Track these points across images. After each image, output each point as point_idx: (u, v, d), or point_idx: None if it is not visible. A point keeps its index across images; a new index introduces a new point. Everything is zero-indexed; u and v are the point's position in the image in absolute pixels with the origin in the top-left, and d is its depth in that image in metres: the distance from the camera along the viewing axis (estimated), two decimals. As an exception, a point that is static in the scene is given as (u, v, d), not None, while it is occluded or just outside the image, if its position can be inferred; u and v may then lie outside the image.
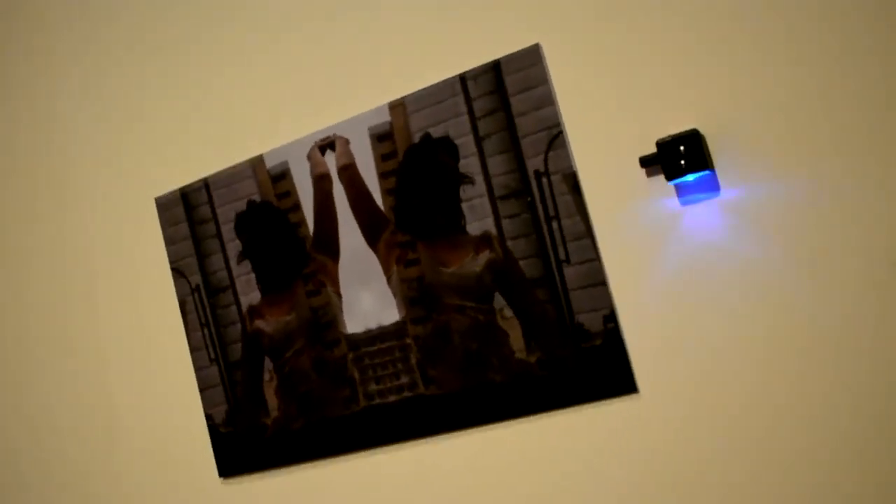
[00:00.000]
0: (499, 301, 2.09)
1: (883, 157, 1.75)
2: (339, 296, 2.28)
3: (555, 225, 2.03)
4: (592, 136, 1.99)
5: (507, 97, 2.07)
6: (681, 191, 1.91)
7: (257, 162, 2.37)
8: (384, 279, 2.22)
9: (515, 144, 2.06)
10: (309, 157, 2.31)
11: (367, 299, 2.25)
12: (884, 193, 1.75)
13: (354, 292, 2.26)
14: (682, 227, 1.91)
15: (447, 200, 2.14)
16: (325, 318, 2.30)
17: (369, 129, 2.23)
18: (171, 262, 2.51)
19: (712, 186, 1.88)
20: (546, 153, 2.03)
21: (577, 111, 2.01)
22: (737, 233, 1.87)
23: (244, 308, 2.41)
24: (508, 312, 2.08)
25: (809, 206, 1.81)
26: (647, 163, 1.89)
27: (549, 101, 2.02)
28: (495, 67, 2.08)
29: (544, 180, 2.04)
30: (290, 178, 2.33)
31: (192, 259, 2.48)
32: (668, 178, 1.85)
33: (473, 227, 2.11)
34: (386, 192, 2.21)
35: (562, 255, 2.02)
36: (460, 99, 2.12)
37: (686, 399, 1.92)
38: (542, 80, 2.03)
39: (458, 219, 2.13)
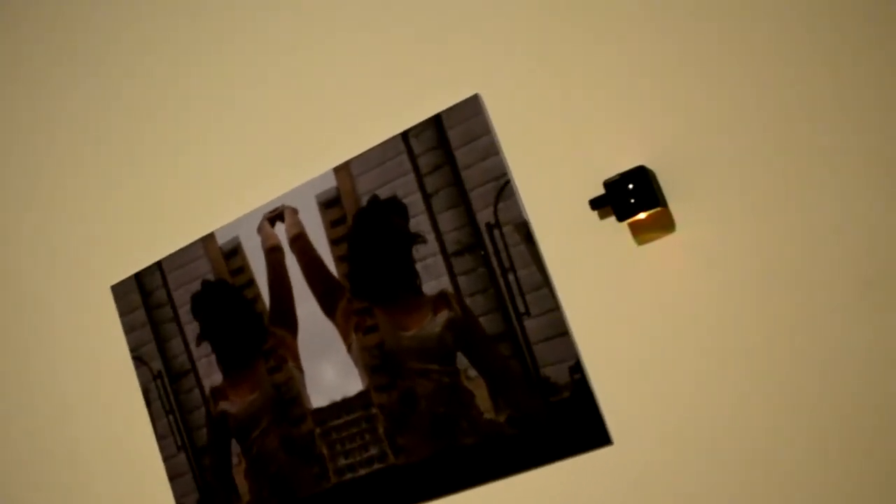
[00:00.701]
0: (462, 361, 1.96)
1: (842, 180, 1.64)
2: (301, 370, 2.15)
3: (511, 277, 1.91)
4: (541, 182, 1.89)
5: (451, 151, 1.96)
6: (636, 230, 1.80)
7: (209, 240, 2.26)
8: (344, 349, 2.10)
9: (464, 198, 1.95)
10: (259, 231, 2.20)
11: (328, 371, 2.12)
12: (848, 216, 1.63)
13: (316, 365, 2.13)
14: (641, 268, 1.79)
15: (400, 262, 2.02)
16: (289, 395, 2.17)
17: (316, 196, 2.12)
18: (131, 350, 2.38)
19: (667, 224, 1.77)
20: (495, 204, 1.92)
21: (523, 158, 1.90)
22: (697, 269, 1.75)
23: (207, 391, 2.27)
24: (472, 372, 1.95)
25: (769, 235, 1.69)
26: (598, 204, 1.77)
27: (493, 150, 1.92)
28: (436, 122, 1.98)
29: (496, 232, 1.92)
30: (243, 254, 2.22)
31: (152, 345, 2.35)
32: (620, 219, 1.74)
33: (429, 287, 1.99)
34: (338, 260, 2.10)
35: (521, 308, 1.90)
36: (405, 157, 2.02)
37: (662, 445, 1.78)
38: (485, 130, 1.93)
39: (413, 280, 2.01)
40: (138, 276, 2.36)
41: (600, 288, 1.83)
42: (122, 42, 2.39)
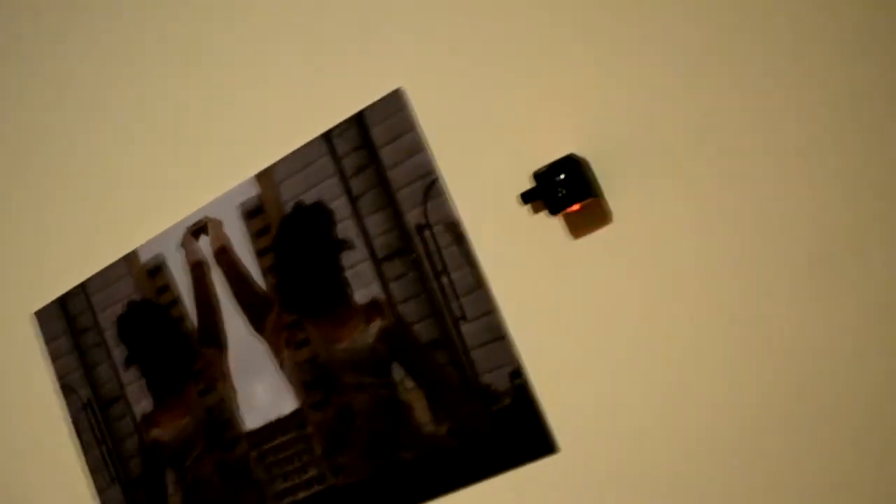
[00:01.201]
0: (398, 372, 1.81)
1: (783, 163, 1.51)
2: (233, 390, 1.99)
3: (445, 280, 1.76)
4: (469, 178, 1.74)
5: (376, 150, 1.82)
6: (571, 224, 1.65)
7: (131, 258, 2.10)
8: (276, 365, 1.94)
9: (391, 199, 1.81)
10: (182, 246, 2.04)
11: (261, 390, 1.96)
12: (790, 199, 1.50)
13: (248, 384, 1.97)
14: (579, 263, 1.65)
15: (328, 271, 1.87)
16: (222, 417, 2.01)
17: (239, 205, 1.97)
18: (58, 378, 2.21)
19: (603, 215, 1.63)
20: (424, 204, 1.78)
21: (450, 154, 1.76)
22: (637, 261, 1.61)
23: (138, 418, 2.11)
24: (409, 383, 1.80)
25: (710, 221, 1.56)
26: (529, 198, 1.63)
27: (418, 147, 1.77)
28: (359, 120, 1.83)
29: (427, 233, 1.77)
30: (167, 271, 2.06)
31: (80, 372, 2.18)
32: (553, 212, 1.60)
33: (360, 295, 1.84)
34: (265, 272, 1.94)
35: (457, 312, 1.75)
36: (328, 159, 1.87)
37: (611, 450, 1.64)
38: (409, 126, 1.78)
39: (343, 289, 1.85)
40: (62, 301, 2.19)
41: (537, 286, 1.69)
42: (32, 59, 2.23)
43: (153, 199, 2.08)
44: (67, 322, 2.19)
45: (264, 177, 1.93)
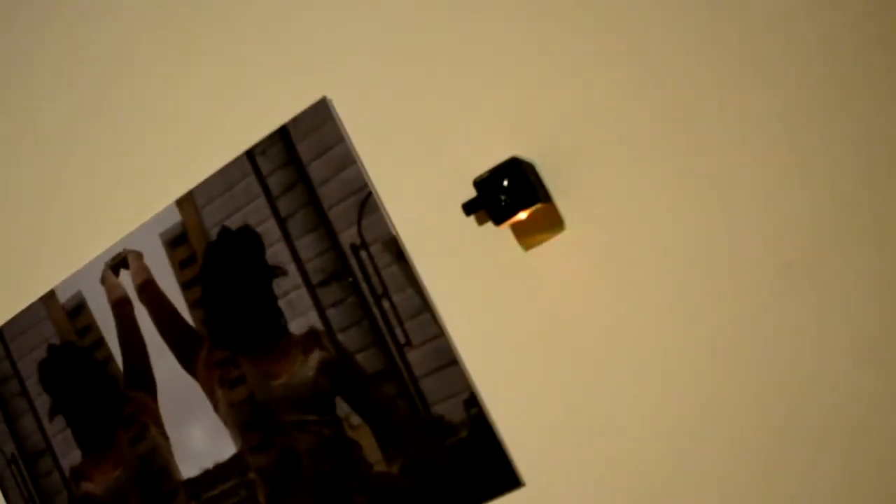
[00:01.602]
0: (342, 407, 1.62)
1: (743, 162, 1.34)
2: (166, 436, 1.79)
3: (386, 304, 1.57)
4: (406, 190, 1.56)
5: (303, 166, 1.63)
6: (519, 234, 1.48)
7: (49, 298, 1.89)
8: (210, 407, 1.74)
9: (323, 218, 1.62)
10: (103, 282, 1.84)
11: (196, 434, 1.76)
12: (755, 194, 1.34)
13: (181, 429, 1.78)
14: (531, 276, 1.48)
15: (260, 301, 1.68)
16: (156, 466, 1.81)
17: (160, 234, 1.77)
18: (-21, 434, 2.00)
19: (554, 222, 1.45)
20: (359, 221, 1.59)
21: (384, 166, 1.58)
22: (595, 271, 1.43)
23: (67, 472, 1.90)
24: (356, 419, 1.61)
25: (668, 224, 1.39)
26: (472, 208, 1.45)
27: (349, 160, 1.59)
28: (283, 135, 1.64)
29: (363, 254, 1.59)
30: (88, 310, 1.85)
31: (2, 425, 1.97)
32: (497, 222, 1.42)
33: (296, 325, 1.65)
34: (192, 305, 1.75)
35: (401, 338, 1.57)
36: (252, 179, 1.68)
37: (578, 481, 1.46)
38: (338, 137, 1.60)
39: (277, 319, 1.66)
40: (-22, 349, 1.98)
41: (488, 304, 1.51)
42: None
43: (69, 234, 1.88)
44: (-15, 372, 1.98)
45: (185, 202, 1.74)
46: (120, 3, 1.77)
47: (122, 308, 1.82)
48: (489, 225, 1.50)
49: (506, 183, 1.41)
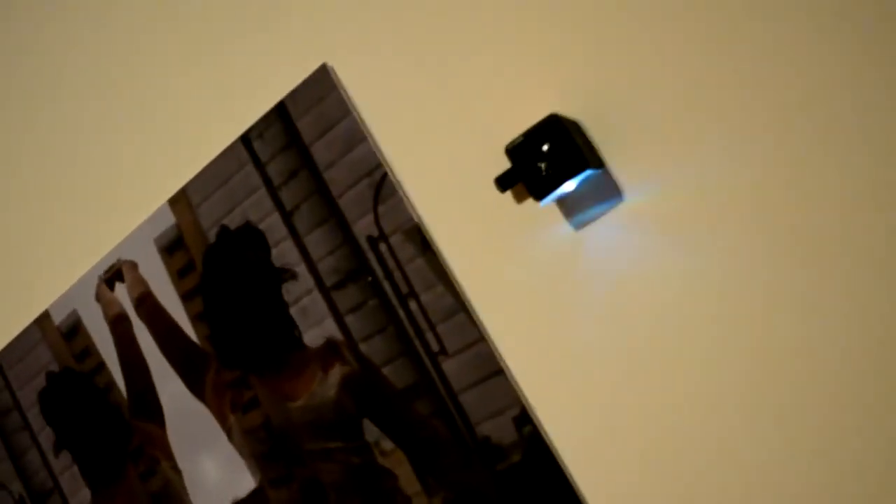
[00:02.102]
0: (371, 431, 1.35)
1: (816, 120, 1.02)
2: (178, 470, 1.54)
3: (413, 305, 1.29)
4: (428, 167, 1.27)
5: (306, 148, 1.35)
6: (569, 209, 1.18)
7: (44, 320, 1.66)
8: (224, 435, 1.48)
9: (333, 209, 1.34)
10: (98, 298, 1.59)
11: (211, 467, 1.51)
12: (831, 160, 1.02)
13: (194, 461, 1.52)
14: (585, 262, 1.17)
15: (269, 310, 1.41)
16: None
17: (155, 240, 1.51)
18: (-15, 474, 1.78)
19: (611, 192, 1.15)
20: (374, 209, 1.31)
21: (399, 140, 1.29)
22: (663, 251, 1.13)
23: (77, 513, 1.66)
24: (388, 444, 1.33)
25: (753, 192, 1.07)
26: (507, 182, 1.15)
27: (358, 136, 1.31)
28: (280, 112, 1.37)
29: (382, 247, 1.31)
30: (85, 331, 1.61)
31: (8, 463, 1.74)
32: (538, 197, 1.12)
33: (312, 337, 1.38)
34: (195, 319, 1.49)
35: (434, 346, 1.28)
36: (251, 169, 1.41)
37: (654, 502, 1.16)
38: (343, 111, 1.32)
39: (290, 330, 1.39)
40: (-24, 380, 1.76)
41: (535, 299, 1.21)
42: None
43: (57, 247, 1.63)
44: (-14, 405, 1.75)
45: (178, 202, 1.48)
46: (90, -22, 1.52)
47: (120, 326, 1.57)
48: (530, 202, 1.20)
49: (545, 147, 1.10)
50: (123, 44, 1.49)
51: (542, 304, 1.21)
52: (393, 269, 1.29)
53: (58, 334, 1.63)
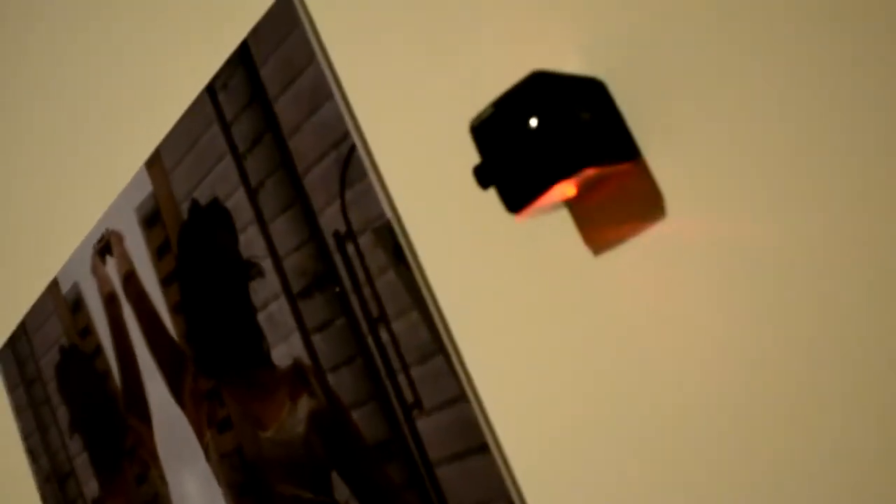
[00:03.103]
0: (341, 490, 0.99)
1: None
2: (165, 481, 1.28)
3: (384, 334, 0.90)
4: (409, 140, 0.86)
5: (270, 103, 0.98)
6: (583, 221, 0.73)
7: (53, 289, 1.44)
8: (202, 452, 1.19)
9: (298, 189, 0.97)
10: (93, 271, 1.34)
11: (192, 486, 1.23)
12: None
13: (179, 474, 1.25)
14: (606, 303, 0.73)
15: (238, 312, 1.08)
16: (160, 520, 1.30)
17: (136, 210, 1.22)
18: (24, 440, 1.63)
19: (646, 201, 0.69)
20: (341, 195, 0.92)
21: (375, 99, 0.88)
22: (720, 293, 0.66)
23: (90, 503, 1.47)
24: (358, 510, 0.97)
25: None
26: (487, 177, 0.72)
27: (324, 91, 0.92)
28: (243, 56, 1.00)
29: (350, 248, 0.92)
30: (86, 307, 1.37)
31: (37, 436, 1.58)
32: (512, 208, 0.68)
33: (280, 355, 1.03)
34: (174, 310, 1.19)
35: (408, 396, 0.89)
36: (217, 130, 1.06)
37: None
38: (307, 55, 0.93)
39: (259, 342, 1.06)
40: (12, 341, 1.59)
41: (546, 344, 0.78)
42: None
43: (58, 212, 1.39)
44: (18, 369, 1.59)
45: (154, 165, 1.17)
46: None
47: (112, 307, 1.31)
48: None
49: (534, 123, 0.66)
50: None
51: (553, 353, 0.78)
52: (362, 281, 0.91)
53: (65, 307, 1.41)
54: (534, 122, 0.66)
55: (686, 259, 0.67)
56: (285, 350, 1.01)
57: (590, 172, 0.65)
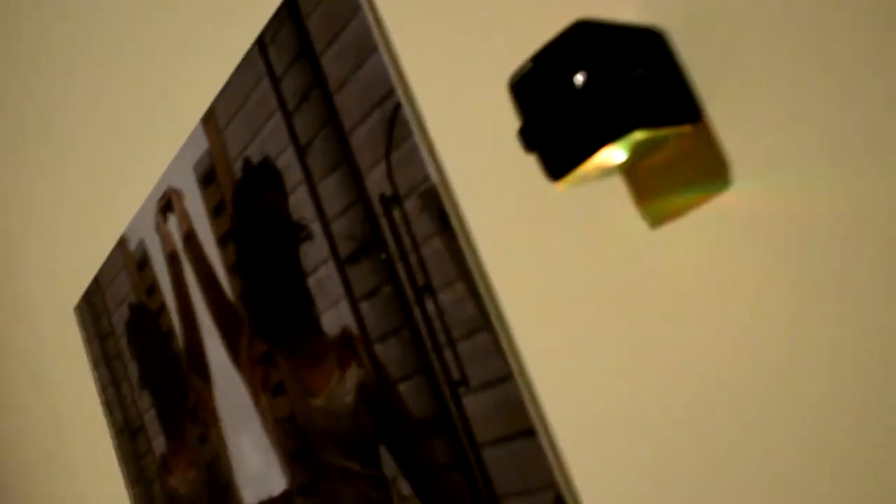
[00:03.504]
0: (389, 464, 0.96)
1: None
2: (225, 444, 1.27)
3: (430, 304, 0.85)
4: (459, 98, 0.80)
5: (317, 57, 0.93)
6: (640, 188, 0.66)
7: (122, 245, 1.45)
8: (258, 417, 1.18)
9: (345, 149, 0.92)
10: (157, 229, 1.33)
11: (249, 451, 1.22)
12: None
13: (237, 437, 1.24)
14: (665, 278, 0.65)
15: (290, 276, 1.05)
16: (221, 481, 1.31)
17: (194, 168, 1.20)
18: (99, 394, 1.67)
19: (710, 170, 0.61)
20: (387, 155, 0.87)
21: (422, 52, 0.82)
22: (789, 270, 0.58)
23: (157, 458, 1.49)
24: (405, 487, 0.94)
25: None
26: (533, 140, 0.65)
27: (369, 44, 0.86)
28: (291, 6, 0.96)
29: (396, 213, 0.87)
30: (151, 265, 1.37)
31: (112, 389, 1.61)
32: (554, 174, 0.61)
33: (329, 321, 1.00)
34: (230, 271, 1.17)
35: (454, 372, 0.84)
36: (267, 85, 1.02)
37: None
38: (352, 6, 0.87)
39: (309, 307, 1.03)
40: (88, 295, 1.62)
41: (603, 321, 0.72)
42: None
43: (128, 166, 1.39)
44: (94, 323, 1.62)
45: (209, 120, 1.14)
46: None
47: (175, 267, 1.30)
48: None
49: (580, 80, 0.59)
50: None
51: (607, 332, 0.71)
52: (408, 247, 0.86)
53: (133, 264, 1.42)
54: (580, 79, 0.58)
55: (752, 236, 0.59)
56: (334, 317, 0.98)
57: (642, 135, 0.57)
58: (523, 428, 0.77)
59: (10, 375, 2.02)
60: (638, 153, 0.60)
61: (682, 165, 0.61)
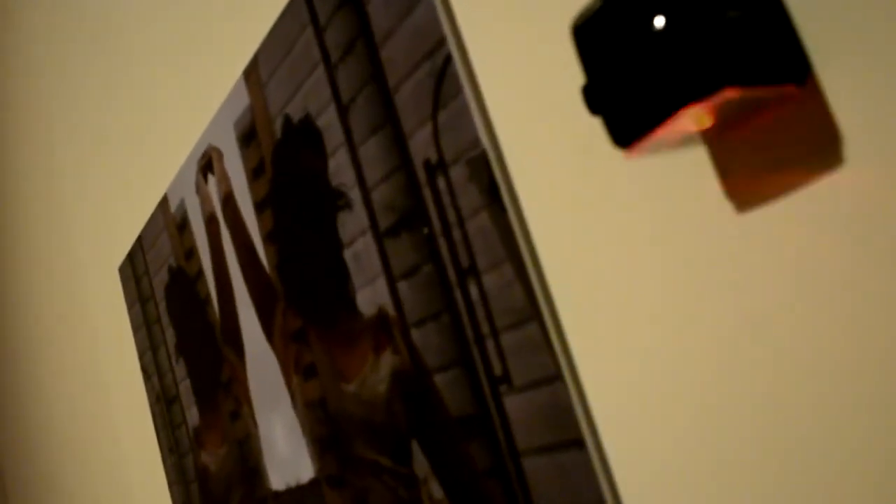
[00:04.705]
0: (420, 462, 0.87)
1: None
2: (255, 423, 1.21)
3: (474, 289, 0.76)
4: (516, 52, 0.70)
5: (363, 4, 0.84)
6: (727, 165, 0.55)
7: (164, 206, 1.39)
8: (288, 398, 1.11)
9: (389, 108, 0.83)
10: (197, 190, 1.27)
11: (279, 432, 1.15)
12: None
13: (268, 417, 1.18)
14: (751, 272, 0.54)
15: (326, 247, 0.96)
16: (251, 461, 1.24)
17: (234, 125, 1.13)
18: (139, 358, 1.63)
19: (816, 143, 0.49)
20: (434, 115, 0.77)
21: (483, 5, 0.72)
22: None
23: (191, 431, 1.44)
24: (437, 489, 0.85)
25: None
26: (597, 101, 0.55)
27: (421, -12, 0.76)
28: (338, -55, 0.86)
29: (441, 181, 0.77)
30: (190, 228, 1.31)
31: (150, 354, 1.57)
32: (621, 142, 0.51)
33: (365, 299, 0.91)
34: (267, 240, 1.09)
35: (496, 367, 0.75)
36: (310, 35, 0.93)
37: None
38: (405, -59, 0.77)
39: (345, 283, 0.94)
40: (131, 257, 1.58)
41: (662, 322, 0.61)
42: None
43: (170, 123, 1.33)
44: (136, 286, 1.57)
45: (251, 74, 1.06)
46: None
47: (211, 230, 1.24)
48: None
49: (659, 23, 0.48)
50: None
51: (678, 332, 0.61)
52: (453, 223, 0.76)
53: (174, 225, 1.36)
54: (659, 22, 0.48)
55: (869, 225, 0.47)
56: (370, 295, 0.89)
57: (733, 95, 0.46)
58: (571, 438, 0.67)
59: (58, 337, 2.00)
60: (728, 118, 0.50)
61: (783, 135, 0.50)
